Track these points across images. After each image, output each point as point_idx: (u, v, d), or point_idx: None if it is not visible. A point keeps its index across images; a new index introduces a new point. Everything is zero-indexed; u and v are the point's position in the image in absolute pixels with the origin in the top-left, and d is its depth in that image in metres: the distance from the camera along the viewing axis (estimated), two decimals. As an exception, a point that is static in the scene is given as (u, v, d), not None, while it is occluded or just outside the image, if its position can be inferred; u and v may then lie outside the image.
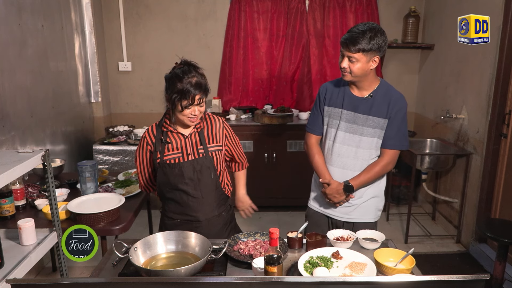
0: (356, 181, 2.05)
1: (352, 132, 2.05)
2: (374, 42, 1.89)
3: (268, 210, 4.19)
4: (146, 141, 1.94)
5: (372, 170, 2.05)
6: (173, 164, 1.88)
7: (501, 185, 3.23)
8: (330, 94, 2.11)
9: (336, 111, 2.08)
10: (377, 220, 2.21)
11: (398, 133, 2.03)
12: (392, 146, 2.04)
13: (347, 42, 1.91)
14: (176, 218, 1.98)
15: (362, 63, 1.92)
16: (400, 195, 4.40)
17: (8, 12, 2.73)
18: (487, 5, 3.21)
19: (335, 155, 2.10)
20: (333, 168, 2.12)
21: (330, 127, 2.11)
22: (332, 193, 2.07)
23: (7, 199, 2.17)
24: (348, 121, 2.05)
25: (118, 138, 3.94)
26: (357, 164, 2.07)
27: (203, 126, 1.95)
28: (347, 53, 1.92)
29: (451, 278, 1.11)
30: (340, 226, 2.16)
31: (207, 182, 1.92)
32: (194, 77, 1.78)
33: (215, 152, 1.94)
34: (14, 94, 2.77)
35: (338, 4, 4.27)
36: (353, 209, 2.14)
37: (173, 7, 4.29)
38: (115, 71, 4.41)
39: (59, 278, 2.21)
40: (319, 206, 2.22)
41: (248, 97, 4.49)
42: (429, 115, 4.30)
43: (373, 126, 2.02)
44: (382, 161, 2.06)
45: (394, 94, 2.03)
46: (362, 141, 2.04)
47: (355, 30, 1.91)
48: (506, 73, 3.09)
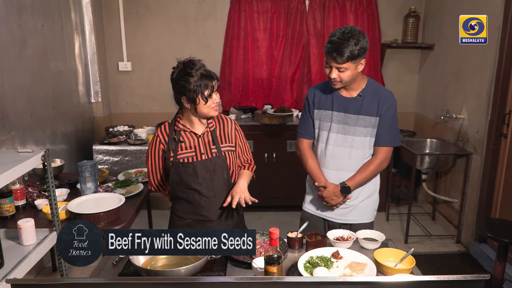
0: (353, 181, 2.04)
1: (344, 133, 2.05)
2: (359, 47, 1.87)
3: (268, 210, 4.19)
4: (159, 140, 1.93)
5: (367, 169, 2.05)
6: (187, 164, 1.88)
7: (501, 185, 3.23)
8: (318, 97, 2.11)
9: (326, 113, 2.08)
10: (373, 220, 2.21)
11: (390, 130, 2.04)
12: (385, 143, 2.05)
13: (334, 54, 1.87)
14: (187, 218, 1.97)
15: (351, 70, 1.92)
16: (400, 195, 4.40)
17: (8, 12, 2.73)
18: (487, 5, 3.20)
19: (329, 157, 2.09)
20: (328, 171, 2.11)
21: (322, 129, 2.11)
22: (329, 195, 2.06)
23: (7, 199, 2.17)
24: (339, 123, 2.05)
25: (118, 138, 3.94)
26: (352, 164, 2.07)
27: (215, 126, 1.95)
28: (335, 65, 1.90)
29: (451, 278, 1.11)
30: (337, 228, 2.15)
31: (220, 181, 1.91)
32: (200, 68, 1.80)
33: (228, 152, 1.94)
34: (14, 94, 2.77)
35: (338, 4, 4.27)
36: (350, 210, 2.13)
37: (173, 7, 4.29)
38: (115, 71, 4.41)
39: (59, 278, 2.21)
40: (316, 209, 2.21)
41: (248, 97, 4.49)
42: (429, 115, 4.30)
43: (364, 125, 2.02)
44: (377, 159, 2.06)
45: (383, 91, 2.04)
46: (355, 141, 2.04)
47: (337, 40, 1.87)
48: (506, 73, 3.09)
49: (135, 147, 3.80)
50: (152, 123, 4.24)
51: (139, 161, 3.78)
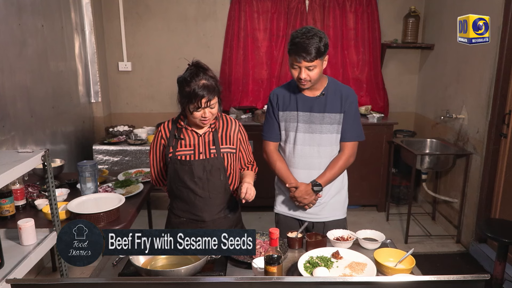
0: (323, 178, 2.07)
1: (311, 132, 2.07)
2: (323, 43, 1.91)
3: (268, 210, 4.17)
4: (161, 135, 1.95)
5: (335, 166, 2.08)
6: (184, 161, 1.89)
7: (501, 185, 3.23)
8: (282, 99, 2.12)
9: (292, 114, 2.10)
10: (346, 217, 2.22)
11: (353, 125, 2.08)
12: (350, 138, 2.09)
13: (302, 54, 1.89)
14: (182, 216, 1.98)
15: (319, 67, 1.95)
16: (400, 195, 4.40)
17: (8, 12, 2.73)
18: (487, 5, 3.21)
19: (298, 157, 2.11)
20: (298, 170, 2.12)
21: (289, 130, 2.12)
22: (301, 195, 2.07)
23: (7, 199, 2.17)
24: (305, 122, 2.07)
25: (118, 138, 3.94)
26: (322, 162, 2.09)
27: (219, 127, 1.95)
28: (304, 64, 1.92)
29: (451, 278, 1.11)
30: (310, 227, 2.17)
31: (216, 183, 1.92)
32: (201, 80, 1.77)
33: (227, 153, 1.94)
34: (14, 94, 2.77)
35: (338, 4, 4.27)
36: (322, 208, 2.15)
37: (173, 7, 4.29)
38: (115, 71, 4.41)
39: (59, 278, 2.21)
40: (288, 210, 2.21)
41: (248, 97, 4.49)
42: (429, 115, 4.30)
43: (330, 123, 2.05)
44: (344, 155, 2.09)
45: (344, 88, 2.09)
46: (323, 139, 2.07)
47: (302, 41, 1.89)
48: (506, 73, 3.09)
49: (135, 147, 3.80)
50: (152, 123, 4.24)
51: (139, 161, 3.78)
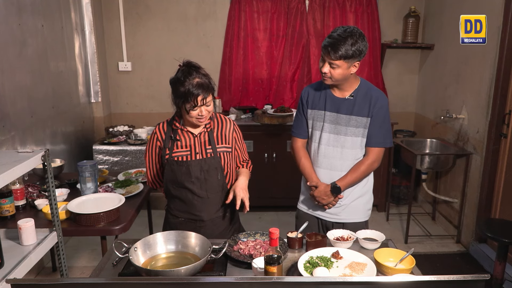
0: (343, 181, 2.05)
1: (336, 133, 2.06)
2: (355, 48, 1.88)
3: (268, 210, 4.19)
4: (156, 137, 1.95)
5: (358, 170, 2.06)
6: (181, 162, 1.89)
7: (501, 185, 3.23)
8: (312, 97, 2.12)
9: (319, 113, 2.10)
10: (368, 219, 2.22)
11: (381, 131, 2.04)
12: (376, 144, 2.06)
13: (328, 48, 1.89)
14: (180, 216, 1.98)
15: (343, 69, 1.92)
16: (400, 195, 4.40)
17: (8, 12, 2.73)
18: (487, 5, 3.20)
19: (321, 156, 2.11)
20: (320, 170, 2.12)
21: (315, 129, 2.12)
22: (320, 195, 2.08)
23: (7, 199, 2.17)
24: (331, 123, 2.06)
25: (118, 138, 3.94)
26: (344, 164, 2.08)
27: (213, 126, 1.95)
28: (328, 59, 1.91)
29: (451, 278, 1.10)
30: (330, 227, 2.16)
31: (213, 182, 1.92)
32: (195, 78, 1.78)
33: (224, 153, 1.94)
34: (14, 94, 2.77)
35: (338, 4, 4.27)
36: (342, 209, 2.15)
37: (173, 7, 4.29)
38: (115, 71, 4.41)
39: (59, 278, 2.21)
40: (308, 208, 2.23)
41: (248, 97, 4.49)
42: (429, 115, 4.30)
43: (356, 126, 2.03)
44: (368, 160, 2.07)
45: (374, 92, 2.05)
46: (347, 141, 2.06)
47: (336, 36, 1.88)
48: (506, 73, 3.09)
49: (135, 147, 3.80)
50: (152, 123, 4.24)
51: (139, 161, 3.78)
